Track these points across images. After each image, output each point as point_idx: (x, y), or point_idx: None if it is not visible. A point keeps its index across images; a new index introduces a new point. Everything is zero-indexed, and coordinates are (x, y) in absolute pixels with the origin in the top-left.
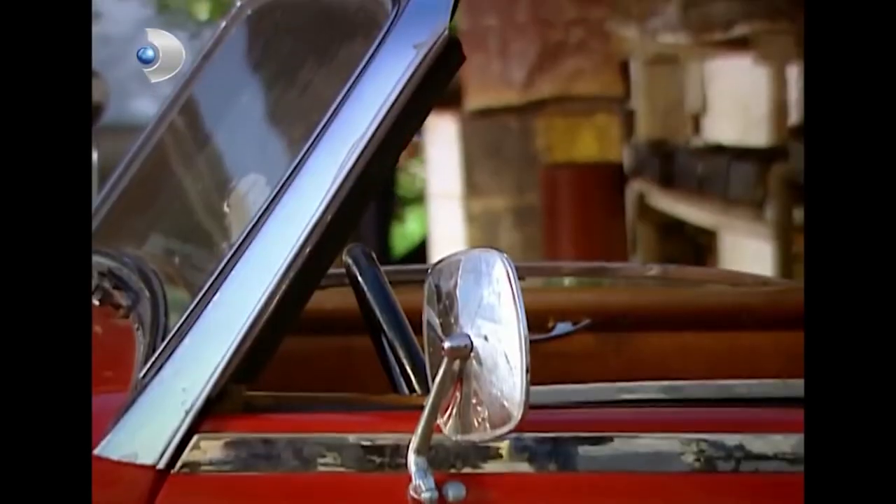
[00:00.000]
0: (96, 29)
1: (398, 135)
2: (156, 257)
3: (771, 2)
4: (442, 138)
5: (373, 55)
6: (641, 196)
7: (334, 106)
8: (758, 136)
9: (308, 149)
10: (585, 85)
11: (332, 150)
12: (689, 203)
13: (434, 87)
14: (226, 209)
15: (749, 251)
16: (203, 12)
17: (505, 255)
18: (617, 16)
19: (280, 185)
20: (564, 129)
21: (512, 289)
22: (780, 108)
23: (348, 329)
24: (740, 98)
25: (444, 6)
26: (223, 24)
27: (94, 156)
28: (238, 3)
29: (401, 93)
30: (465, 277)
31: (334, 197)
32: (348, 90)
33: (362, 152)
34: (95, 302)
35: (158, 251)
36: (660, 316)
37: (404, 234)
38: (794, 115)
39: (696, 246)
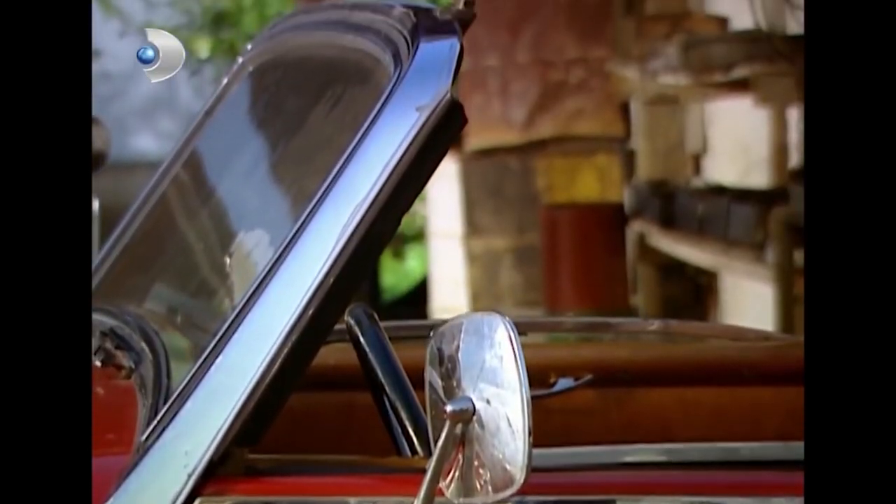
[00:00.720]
0: (96, 66)
1: (401, 197)
2: (158, 315)
3: (771, 44)
4: (442, 177)
5: (375, 117)
6: (642, 236)
7: (337, 167)
8: (758, 177)
9: (311, 210)
10: (586, 125)
11: (335, 213)
12: (689, 244)
13: (436, 149)
14: (228, 266)
15: (750, 292)
16: (204, 50)
17: (507, 318)
18: (617, 56)
19: (283, 246)
20: (565, 169)
21: (514, 352)
22: (780, 149)
23: (350, 385)
24: (741, 139)
25: (446, 69)
26: (225, 80)
27: (96, 204)
28: (239, 60)
29: (403, 155)
30: (468, 340)
31: (337, 259)
32: (351, 152)
33: (365, 215)
34: (97, 363)
35: (160, 309)
36: (661, 371)
37: (405, 271)
38: (795, 158)
39: (696, 286)
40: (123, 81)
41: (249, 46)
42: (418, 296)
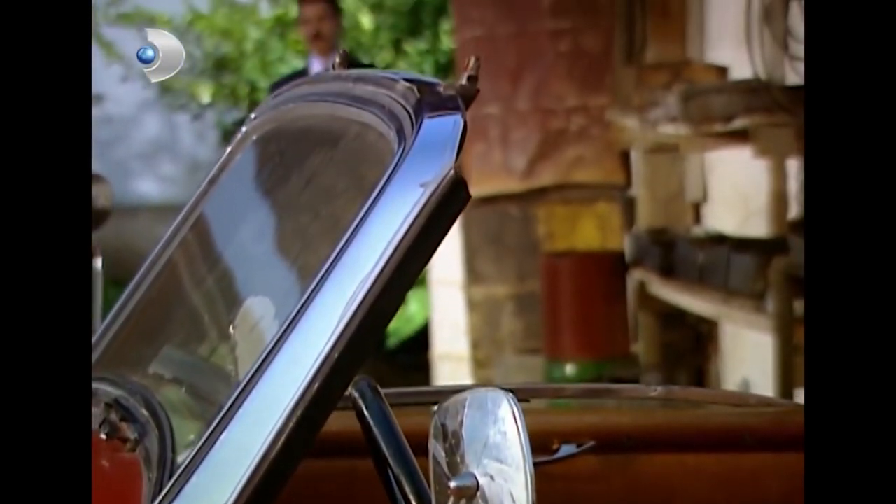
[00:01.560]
0: (99, 110)
1: (405, 273)
2: (162, 386)
3: (770, 95)
4: None
5: (380, 193)
6: (642, 284)
7: (342, 242)
8: (758, 226)
9: (316, 285)
10: (586, 173)
11: (340, 288)
12: (689, 293)
13: (440, 226)
14: (234, 337)
15: (750, 340)
16: (205, 95)
17: (510, 394)
18: (617, 105)
19: (288, 320)
20: (565, 217)
21: (518, 428)
22: (779, 199)
23: (353, 452)
24: (740, 188)
25: (449, 145)
26: (229, 149)
27: (98, 262)
28: (243, 129)
29: (407, 231)
30: (471, 416)
31: (342, 335)
32: (356, 227)
33: (369, 290)
34: (102, 436)
35: (165, 379)
36: (663, 437)
37: (407, 317)
38: (794, 207)
39: (697, 334)
40: (125, 125)
41: (253, 115)
42: (420, 342)
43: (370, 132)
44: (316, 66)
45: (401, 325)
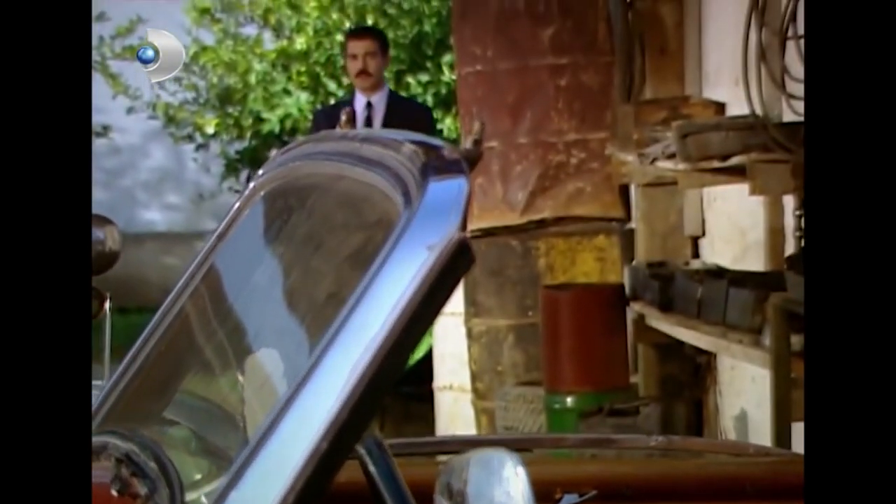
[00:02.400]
0: (106, 141)
1: (410, 335)
2: (172, 439)
3: (767, 134)
4: None
5: (387, 256)
6: (641, 316)
7: (350, 304)
8: (754, 259)
9: (324, 347)
10: (586, 206)
11: (347, 350)
12: (687, 327)
13: (445, 288)
14: (242, 394)
15: (748, 372)
16: (210, 126)
17: (515, 454)
18: (616, 141)
19: (297, 381)
20: (565, 250)
21: (522, 488)
22: (776, 234)
23: (359, 501)
24: (737, 222)
25: (455, 208)
26: (237, 204)
27: (107, 305)
28: (251, 185)
29: (414, 294)
30: (476, 476)
31: (349, 395)
32: (363, 290)
33: (376, 352)
34: (114, 492)
35: (175, 433)
36: (664, 486)
37: None
38: (791, 241)
39: (695, 366)
40: (132, 155)
41: (261, 172)
42: (422, 373)
43: (376, 193)
44: (360, 101)
45: None
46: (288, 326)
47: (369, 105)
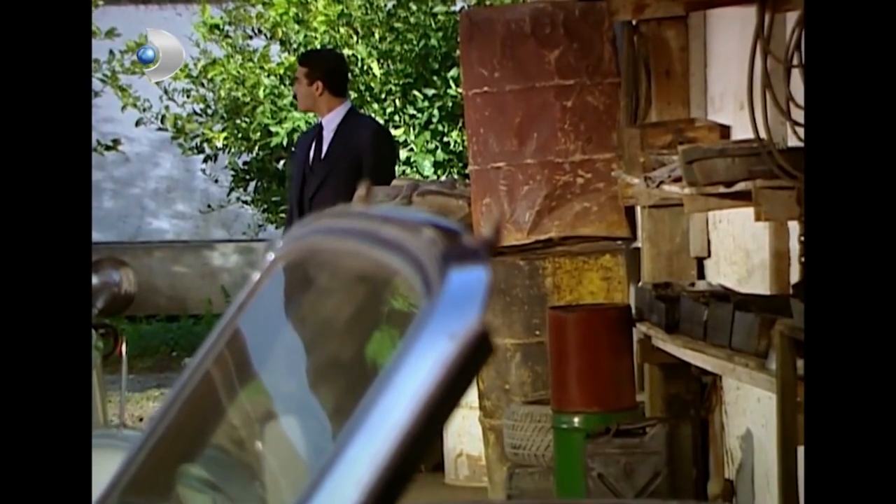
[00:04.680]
0: (116, 152)
1: (431, 425)
2: None
3: (772, 160)
4: None
5: (408, 345)
6: (648, 337)
7: (371, 394)
8: (760, 282)
9: (344, 437)
10: (592, 226)
11: (370, 440)
12: (693, 349)
13: (466, 377)
14: (261, 477)
15: (753, 393)
16: (218, 139)
17: None
18: (622, 165)
19: (317, 474)
20: (572, 270)
21: None
22: (781, 257)
23: None
24: (742, 244)
25: (476, 298)
26: (258, 275)
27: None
28: (271, 256)
29: (436, 383)
30: None
31: (372, 487)
32: (385, 379)
33: (399, 442)
34: None
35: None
36: None
37: None
38: (795, 264)
39: (701, 386)
40: (141, 165)
41: (281, 244)
42: None
43: (396, 277)
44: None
45: None
46: (308, 403)
47: (321, 127)
